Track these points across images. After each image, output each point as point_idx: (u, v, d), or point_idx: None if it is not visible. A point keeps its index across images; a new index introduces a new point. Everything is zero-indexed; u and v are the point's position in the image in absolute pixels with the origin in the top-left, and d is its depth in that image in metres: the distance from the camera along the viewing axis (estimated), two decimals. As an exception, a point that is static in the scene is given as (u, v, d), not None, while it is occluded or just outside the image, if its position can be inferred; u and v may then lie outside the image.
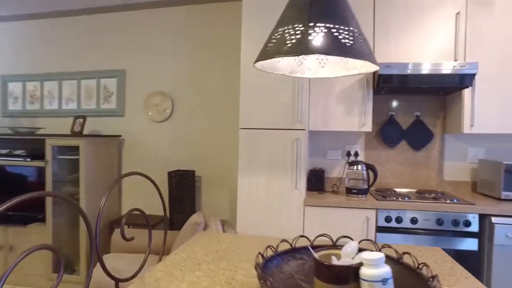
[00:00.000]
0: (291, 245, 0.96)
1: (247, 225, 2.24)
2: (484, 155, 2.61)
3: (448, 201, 2.13)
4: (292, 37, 0.75)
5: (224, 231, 2.16)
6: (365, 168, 2.32)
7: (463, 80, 2.17)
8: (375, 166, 2.37)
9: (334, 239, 0.99)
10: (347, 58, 0.80)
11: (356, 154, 2.71)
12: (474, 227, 2.07)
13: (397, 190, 2.57)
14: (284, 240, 1.01)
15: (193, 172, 2.90)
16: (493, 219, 2.01)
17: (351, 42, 0.72)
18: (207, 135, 2.99)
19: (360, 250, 0.82)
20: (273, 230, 2.22)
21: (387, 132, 2.67)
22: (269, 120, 2.22)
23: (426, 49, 2.33)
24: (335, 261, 0.81)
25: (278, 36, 0.79)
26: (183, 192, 2.78)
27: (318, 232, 2.19)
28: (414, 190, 2.58)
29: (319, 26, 0.73)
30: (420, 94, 2.60)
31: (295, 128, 2.20)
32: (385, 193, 2.37)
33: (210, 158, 2.98)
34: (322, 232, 2.18)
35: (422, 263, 0.80)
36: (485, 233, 2.05)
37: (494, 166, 2.31)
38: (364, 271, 0.72)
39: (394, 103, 2.68)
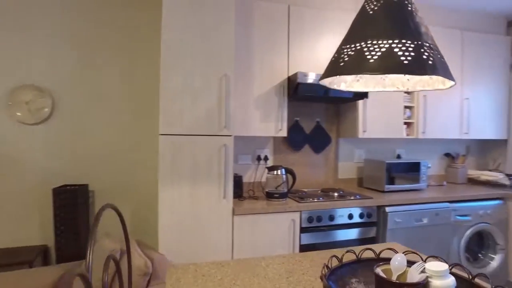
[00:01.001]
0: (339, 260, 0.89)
1: (172, 243, 1.98)
2: (366, 156, 3.11)
3: (352, 198, 2.43)
4: (374, 53, 0.70)
5: (146, 255, 1.85)
6: (284, 172, 2.40)
7: (363, 93, 2.51)
8: (293, 170, 2.49)
9: (263, 247, 0.97)
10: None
11: (266, 158, 2.78)
12: (374, 217, 2.42)
13: (306, 190, 2.77)
14: (333, 256, 0.92)
15: (85, 186, 2.38)
16: (387, 209, 2.41)
17: (432, 59, 0.71)
18: (103, 140, 2.49)
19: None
20: (201, 245, 2.04)
21: (293, 136, 2.84)
22: (194, 126, 2.02)
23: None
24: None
25: (352, 52, 0.71)
26: (73, 212, 2.24)
27: (248, 241, 2.13)
28: (318, 189, 2.83)
29: (405, 43, 0.69)
30: (321, 101, 2.87)
31: (222, 134, 2.08)
32: (300, 195, 2.51)
33: (109, 168, 2.50)
34: (251, 241, 2.14)
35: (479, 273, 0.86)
36: (380, 221, 2.43)
37: (378, 164, 2.77)
38: (435, 284, 0.72)
39: (299, 110, 2.88)
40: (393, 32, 0.75)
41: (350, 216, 2.35)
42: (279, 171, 2.38)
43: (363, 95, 2.52)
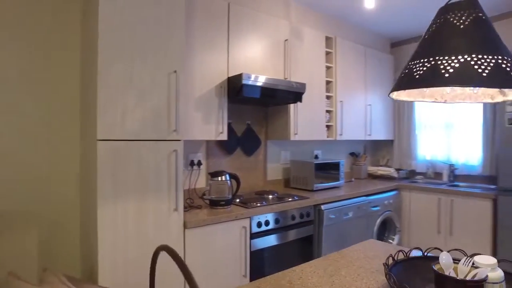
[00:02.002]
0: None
1: (114, 270, 1.64)
2: (290, 157, 3.25)
3: (291, 199, 2.49)
4: (450, 67, 0.70)
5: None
6: (228, 178, 2.28)
7: (297, 97, 2.60)
8: (237, 175, 2.39)
9: (216, 260, 0.97)
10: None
11: (199, 163, 2.60)
12: (312, 216, 2.55)
13: (241, 194, 2.71)
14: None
15: (-32, 211, 1.74)
16: (322, 207, 2.57)
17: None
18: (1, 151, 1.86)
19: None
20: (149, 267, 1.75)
21: (227, 139, 2.74)
22: (139, 129, 1.72)
23: (267, 64, 2.60)
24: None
25: (426, 65, 0.69)
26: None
27: (201, 257, 1.94)
28: (253, 192, 2.81)
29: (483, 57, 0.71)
30: (256, 104, 2.86)
31: (172, 139, 1.83)
32: (241, 200, 2.44)
33: (8, 185, 1.88)
34: (204, 256, 1.95)
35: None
36: (317, 219, 2.57)
37: (307, 165, 2.93)
38: (492, 276, 0.77)
39: (230, 112, 2.79)
40: (470, 46, 0.78)
41: (293, 217, 2.41)
42: (223, 177, 2.25)
43: (298, 99, 2.62)
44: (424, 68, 0.80)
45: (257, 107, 2.97)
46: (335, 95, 3.19)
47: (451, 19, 0.83)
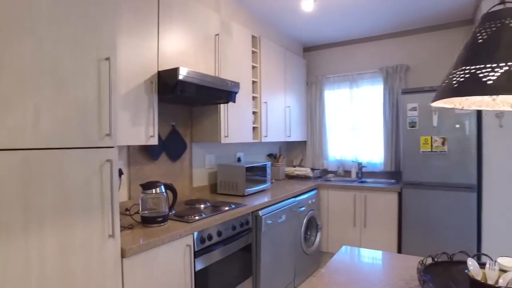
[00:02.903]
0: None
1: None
2: (215, 161, 3.03)
3: (227, 208, 2.30)
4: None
5: None
6: (164, 190, 1.94)
7: (231, 96, 2.42)
8: (173, 185, 2.05)
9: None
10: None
11: (121, 172, 2.16)
12: (250, 224, 2.40)
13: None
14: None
15: None
16: (260, 212, 2.45)
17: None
18: None
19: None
20: (77, 318, 1.31)
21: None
22: (59, 133, 1.27)
23: (199, 59, 2.33)
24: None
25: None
26: None
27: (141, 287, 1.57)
28: (182, 202, 2.49)
29: None
30: (177, 103, 2.54)
31: (104, 146, 1.42)
32: (175, 213, 2.12)
33: None
34: (145, 286, 1.59)
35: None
36: (254, 226, 2.44)
37: (237, 169, 2.77)
38: None
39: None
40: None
41: (234, 227, 2.22)
42: (158, 188, 1.90)
43: (231, 99, 2.44)
44: (498, 74, 0.76)
45: (182, 107, 2.66)
46: (260, 95, 3.12)
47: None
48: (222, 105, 2.59)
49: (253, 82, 3.07)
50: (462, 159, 2.80)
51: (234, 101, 2.47)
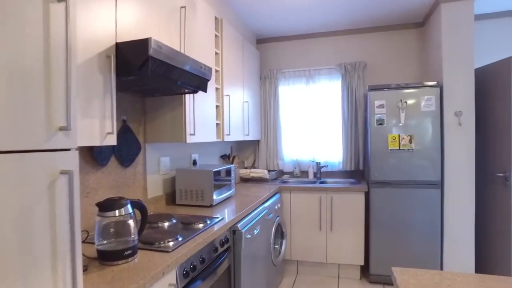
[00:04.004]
0: None
1: None
2: (170, 164, 2.49)
3: (202, 225, 1.83)
4: None
5: None
6: (131, 210, 1.38)
7: (201, 84, 1.94)
8: (142, 201, 1.49)
9: None
10: None
11: (52, 186, 1.51)
12: (230, 242, 1.96)
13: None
14: None
15: None
16: (239, 226, 2.03)
17: None
18: None
19: None
20: None
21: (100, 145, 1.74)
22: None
23: (163, 33, 1.80)
24: None
25: None
26: None
27: None
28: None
29: None
30: (129, 91, 1.95)
31: (56, 148, 0.85)
32: (142, 238, 1.56)
33: None
34: None
35: None
36: (234, 244, 2.01)
37: (202, 174, 2.29)
38: None
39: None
40: None
41: (215, 249, 1.76)
42: (123, 209, 1.34)
43: (202, 87, 1.96)
44: None
45: (133, 96, 2.07)
46: (222, 87, 2.68)
47: None
48: (187, 96, 2.08)
49: (216, 71, 2.61)
50: (428, 156, 2.81)
51: (205, 91, 1.99)
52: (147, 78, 1.47)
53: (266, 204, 2.69)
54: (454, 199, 2.81)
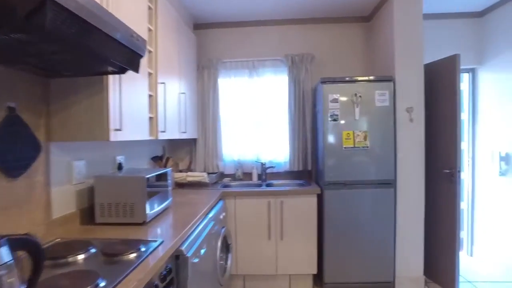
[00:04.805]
0: None
1: None
2: (87, 171, 1.89)
3: (135, 255, 1.34)
4: None
5: None
6: (11, 257, 0.82)
7: (133, 60, 1.42)
8: (31, 237, 0.92)
9: None
10: None
11: None
12: (173, 272, 1.48)
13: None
14: None
15: None
16: (184, 250, 1.56)
17: None
18: None
19: None
20: None
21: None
22: None
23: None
24: None
25: None
26: None
27: None
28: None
29: None
30: (17, 63, 1.34)
31: None
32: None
33: None
34: None
35: None
36: (176, 273, 1.54)
37: (132, 182, 1.76)
38: None
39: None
40: None
41: (156, 286, 1.27)
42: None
43: (132, 66, 1.44)
44: None
45: (29, 75, 1.45)
46: (156, 73, 2.16)
47: None
48: (111, 78, 1.54)
49: (149, 52, 2.08)
50: (383, 154, 2.69)
51: (137, 70, 1.48)
52: (46, 38, 0.93)
53: (211, 215, 2.26)
54: (405, 199, 2.74)
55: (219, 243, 2.34)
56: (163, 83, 2.23)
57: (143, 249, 1.36)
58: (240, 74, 3.38)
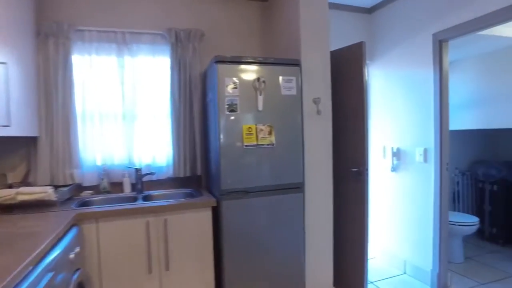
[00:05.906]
0: None
1: None
2: None
3: None
4: None
5: None
6: None
7: None
8: None
9: None
10: None
11: None
12: None
13: None
14: None
15: None
16: None
17: None
18: None
19: None
20: None
21: None
22: None
23: None
24: None
25: None
26: None
27: None
28: None
29: None
30: None
31: None
32: None
33: None
34: None
35: None
36: None
37: None
38: None
39: None
40: None
41: None
42: None
43: None
44: None
45: None
46: None
47: None
48: None
49: None
50: (291, 153, 2.25)
51: None
52: None
53: (50, 258, 1.38)
54: (313, 205, 2.38)
55: (65, 298, 1.47)
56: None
57: None
58: (105, 51, 2.48)
